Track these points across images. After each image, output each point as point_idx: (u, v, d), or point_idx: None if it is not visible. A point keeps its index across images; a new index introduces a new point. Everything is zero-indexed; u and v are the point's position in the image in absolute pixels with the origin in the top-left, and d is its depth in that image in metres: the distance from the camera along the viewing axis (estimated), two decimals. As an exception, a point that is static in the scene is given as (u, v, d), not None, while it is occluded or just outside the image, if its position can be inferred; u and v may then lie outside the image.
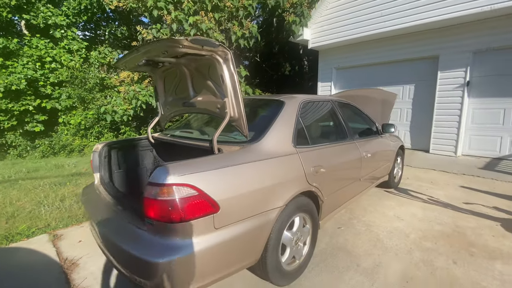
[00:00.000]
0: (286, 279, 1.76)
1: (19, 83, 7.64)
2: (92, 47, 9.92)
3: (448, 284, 1.82)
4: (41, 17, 8.10)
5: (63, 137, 9.08)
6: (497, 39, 4.59)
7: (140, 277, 1.21)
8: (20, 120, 8.38)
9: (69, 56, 8.65)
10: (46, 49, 8.25)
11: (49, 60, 8.29)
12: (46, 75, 8.37)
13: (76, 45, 8.88)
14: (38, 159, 8.33)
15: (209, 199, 1.26)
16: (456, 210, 3.04)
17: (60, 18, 8.46)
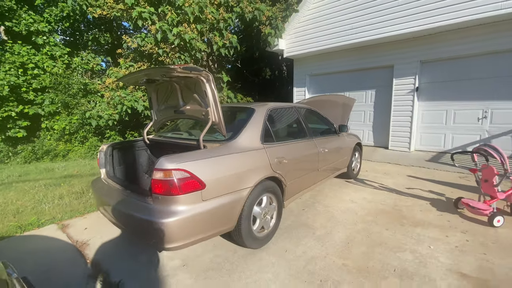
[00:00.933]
0: (257, 243, 2.33)
1: (2, 90, 7.72)
2: (74, 52, 10.06)
3: (378, 243, 2.46)
4: (23, 24, 8.20)
5: (46, 142, 9.16)
6: (437, 52, 5.47)
7: (151, 234, 1.73)
8: (2, 126, 8.40)
9: (51, 62, 8.78)
10: (28, 55, 8.35)
11: (31, 67, 8.39)
12: (29, 81, 8.46)
13: (58, 51, 9.02)
14: (21, 165, 8.38)
15: (198, 179, 1.81)
16: (399, 194, 3.76)
17: (42, 25, 8.59)
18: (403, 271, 2.04)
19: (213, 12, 6.60)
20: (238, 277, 1.99)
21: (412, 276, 1.98)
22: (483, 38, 4.93)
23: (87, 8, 8.47)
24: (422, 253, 2.28)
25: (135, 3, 7.01)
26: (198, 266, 2.13)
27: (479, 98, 5.21)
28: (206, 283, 1.93)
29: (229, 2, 6.76)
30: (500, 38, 4.79)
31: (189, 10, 6.40)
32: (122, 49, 7.81)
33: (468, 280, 1.94)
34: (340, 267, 2.10)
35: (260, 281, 1.94)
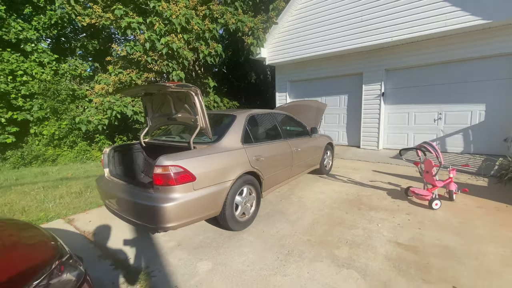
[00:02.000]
0: (239, 226, 2.84)
1: (-10, 97, 7.84)
2: (61, 59, 10.22)
3: (338, 223, 3.04)
4: (13, 32, 8.35)
5: (35, 147, 9.28)
6: (398, 62, 6.22)
7: (153, 217, 2.21)
8: (-9, 132, 8.48)
9: (40, 69, 8.96)
10: (17, 62, 8.50)
11: (20, 73, 8.54)
12: (18, 87, 8.60)
13: (46, 58, 9.20)
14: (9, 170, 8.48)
15: (190, 173, 2.31)
16: (363, 186, 4.39)
17: (31, 33, 8.76)
18: (353, 242, 2.62)
19: (198, 23, 7.08)
20: (223, 251, 2.50)
21: (359, 245, 2.56)
22: (433, 50, 5.71)
23: (76, 16, 8.72)
24: (371, 230, 2.87)
25: (124, 14, 7.37)
26: (190, 245, 2.62)
27: (435, 102, 5.97)
28: (197, 256, 2.42)
29: (214, 14, 7.26)
30: (447, 50, 5.57)
31: (176, 21, 6.86)
32: (111, 57, 8.13)
33: (401, 246, 2.53)
34: (305, 241, 2.65)
35: (241, 253, 2.46)
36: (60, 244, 1.44)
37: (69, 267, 1.28)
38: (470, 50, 5.33)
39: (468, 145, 5.70)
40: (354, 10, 6.12)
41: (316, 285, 2.00)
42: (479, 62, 5.37)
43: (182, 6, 7.17)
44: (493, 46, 5.09)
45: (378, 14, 5.79)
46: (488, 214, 3.18)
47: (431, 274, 2.10)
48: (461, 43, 5.39)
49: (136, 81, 7.66)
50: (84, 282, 1.28)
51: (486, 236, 2.67)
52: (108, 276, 2.17)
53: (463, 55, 5.43)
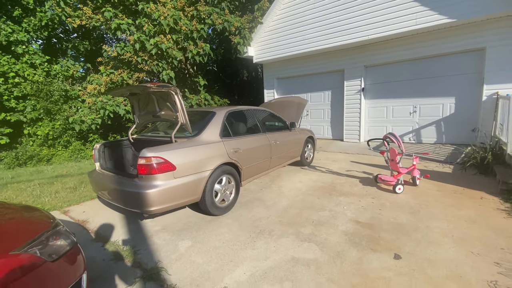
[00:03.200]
0: (219, 211, 3.16)
1: (-16, 99, 8.02)
2: (53, 60, 10.38)
3: (308, 207, 3.37)
4: (3, 34, 8.50)
5: (30, 148, 9.48)
6: (375, 58, 6.56)
7: (139, 202, 2.52)
8: (-15, 133, 8.66)
9: (32, 70, 9.12)
10: (9, 64, 8.66)
11: (12, 75, 8.71)
12: (10, 89, 8.77)
13: (38, 59, 9.37)
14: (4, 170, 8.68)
15: (171, 164, 2.61)
16: (339, 175, 4.73)
17: (21, 35, 8.91)
18: (319, 222, 2.96)
19: (186, 24, 7.33)
20: (202, 232, 2.82)
21: (323, 224, 2.90)
22: (407, 47, 6.06)
23: (66, 18, 8.89)
24: (337, 211, 3.21)
25: (114, 15, 7.58)
26: (174, 228, 2.94)
27: (410, 96, 6.34)
28: (180, 236, 2.74)
29: (201, 15, 7.51)
30: (419, 47, 5.93)
31: (165, 22, 7.10)
32: (102, 58, 8.34)
33: (360, 224, 2.88)
34: (276, 222, 2.98)
35: (218, 233, 2.78)
36: (57, 220, 1.74)
37: (63, 236, 1.59)
38: (440, 47, 5.69)
39: (441, 136, 6.08)
40: (333, 10, 6.43)
41: (279, 255, 2.33)
42: (448, 58, 5.74)
43: (170, 7, 7.40)
44: (459, 43, 5.45)
45: (355, 13, 6.11)
46: (444, 196, 3.54)
47: (379, 245, 2.44)
48: (431, 40, 5.75)
49: (128, 81, 7.90)
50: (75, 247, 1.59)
51: (436, 214, 3.03)
52: (100, 255, 2.48)
53: (434, 51, 5.78)
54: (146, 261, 2.34)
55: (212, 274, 2.12)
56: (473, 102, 5.57)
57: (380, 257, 2.27)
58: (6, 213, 1.67)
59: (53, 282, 1.30)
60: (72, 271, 1.47)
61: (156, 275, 2.13)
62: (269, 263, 2.23)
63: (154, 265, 2.26)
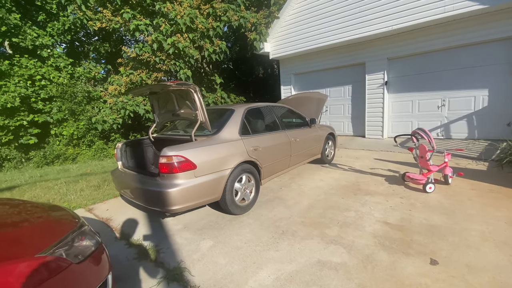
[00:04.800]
0: (239, 211, 3.10)
1: (14, 101, 8.46)
2: (76, 62, 10.79)
3: (332, 207, 3.23)
4: (29, 39, 8.92)
5: (56, 147, 9.93)
6: (400, 50, 6.21)
7: (161, 200, 2.50)
8: (16, 134, 9.16)
9: (57, 73, 9.52)
10: (35, 68, 9.08)
11: (38, 78, 9.13)
12: (37, 91, 9.20)
13: (62, 62, 9.75)
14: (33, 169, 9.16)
15: (191, 162, 2.58)
16: (362, 173, 4.53)
17: (46, 39, 9.30)
18: (344, 223, 2.82)
19: (203, 22, 7.32)
20: (224, 232, 2.77)
21: (350, 225, 2.76)
22: (434, 37, 5.68)
23: (87, 21, 9.18)
24: (363, 212, 3.05)
25: (132, 17, 7.72)
26: (195, 227, 2.91)
27: (438, 89, 5.96)
28: (201, 236, 2.71)
29: (217, 12, 7.47)
30: (448, 36, 5.53)
31: (181, 21, 7.12)
32: (122, 59, 8.53)
33: (389, 226, 2.71)
34: (299, 223, 2.87)
35: (239, 233, 2.72)
36: (82, 220, 1.74)
37: (88, 236, 1.57)
38: (471, 35, 5.29)
39: (473, 131, 5.68)
40: (354, 1, 6.16)
41: (304, 258, 2.23)
42: (481, 47, 5.32)
43: (186, 6, 7.42)
44: (492, 31, 5.04)
45: (378, 3, 5.82)
46: (480, 196, 3.28)
47: (411, 248, 2.27)
48: (462, 28, 5.35)
49: (146, 81, 8.04)
50: (100, 248, 1.57)
51: (473, 216, 2.80)
52: (123, 253, 2.49)
53: (464, 40, 5.38)
54: (168, 261, 2.32)
55: (235, 276, 2.05)
56: (509, 94, 5.14)
57: (414, 262, 2.10)
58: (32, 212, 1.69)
59: (79, 284, 1.28)
60: (97, 272, 1.45)
61: (179, 275, 2.10)
62: (294, 266, 2.13)
63: (176, 265, 2.24)
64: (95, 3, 8.96)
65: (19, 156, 9.83)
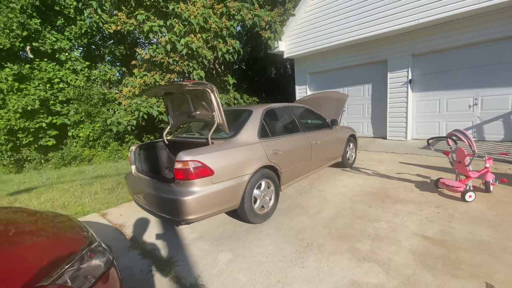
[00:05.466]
0: (258, 219, 2.88)
1: (34, 104, 8.65)
2: (92, 65, 10.95)
3: (360, 216, 2.95)
4: (48, 43, 9.11)
5: (73, 149, 10.10)
6: (427, 45, 5.80)
7: (176, 209, 2.32)
8: (35, 136, 9.38)
9: (74, 76, 9.67)
10: (54, 71, 9.27)
11: (57, 81, 9.30)
12: (55, 94, 9.38)
13: (79, 66, 9.91)
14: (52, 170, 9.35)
15: (208, 167, 2.38)
16: (388, 178, 4.20)
17: (64, 43, 9.48)
18: (376, 236, 2.54)
19: (216, 22, 7.17)
20: (242, 243, 2.55)
21: (383, 239, 2.48)
22: (465, 30, 5.25)
23: (103, 24, 9.27)
24: (396, 223, 2.75)
25: (146, 18, 7.69)
26: (212, 237, 2.72)
27: (470, 86, 5.51)
28: (218, 247, 2.50)
29: (231, 11, 7.31)
30: (481, 30, 5.09)
31: (195, 21, 7.01)
32: (136, 61, 8.54)
33: (428, 240, 2.41)
34: (325, 235, 2.62)
35: (260, 245, 2.50)
36: (91, 234, 1.57)
37: (98, 254, 1.39)
38: (507, 28, 4.83)
39: (509, 132, 5.20)
40: (376, -6, 5.82)
41: (335, 277, 1.98)
42: (520, 40, 4.86)
43: (200, 6, 7.30)
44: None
45: (402, -4, 5.45)
46: (531, 206, 2.90)
47: (460, 269, 1.97)
48: (498, 20, 4.90)
49: (160, 82, 7.99)
50: (112, 267, 1.39)
51: (527, 230, 2.45)
52: (137, 265, 2.33)
53: (500, 33, 4.93)
54: (185, 275, 2.13)
55: (259, 298, 1.83)
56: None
57: (466, 286, 1.81)
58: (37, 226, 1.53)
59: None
60: (107, 297, 1.27)
61: (196, 294, 1.90)
62: (324, 287, 1.88)
63: (194, 281, 2.04)
64: (110, 6, 9.04)
65: (39, 157, 10.08)
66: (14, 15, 8.40)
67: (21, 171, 10.05)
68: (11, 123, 8.58)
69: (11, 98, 8.48)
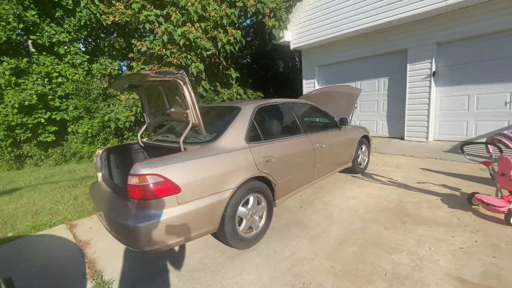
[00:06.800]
0: (244, 244, 2.31)
1: (31, 99, 8.37)
2: (93, 59, 10.60)
3: (373, 243, 2.33)
4: (46, 36, 8.78)
5: (73, 145, 9.83)
6: (456, 31, 4.98)
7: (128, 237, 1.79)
8: (34, 132, 9.14)
9: (73, 70, 9.33)
10: (52, 65, 8.95)
11: (55, 75, 8.99)
12: (54, 89, 9.08)
13: (79, 59, 9.56)
14: (52, 167, 9.12)
15: (173, 184, 1.82)
16: (407, 188, 3.53)
17: (63, 36, 9.13)
18: (395, 275, 1.92)
19: (216, 9, 6.57)
20: (220, 278, 1.99)
21: (404, 281, 1.85)
22: (502, 13, 4.42)
23: (100, 16, 8.85)
24: (420, 255, 2.12)
25: (141, 8, 7.17)
26: (185, 267, 2.17)
27: (507, 80, 4.68)
28: (188, 283, 1.96)
29: (232, -3, 6.68)
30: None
31: (192, 9, 6.44)
32: (133, 53, 8.07)
33: (468, 286, 1.77)
34: (327, 270, 2.02)
35: (241, 282, 1.93)
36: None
37: None
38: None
39: (556, 134, 4.36)
40: (395, -27, 5.03)
41: None
42: None
43: (198, -8, 6.70)
44: None
45: (427, -27, 4.66)
46: None
47: None
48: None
49: (158, 76, 7.50)
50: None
51: None
52: (81, 307, 1.82)
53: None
54: (134, 329, 1.59)
55: None
56: None
57: None
58: None
59: None
60: None
61: None
62: None
63: None
64: (108, -4, 8.59)
65: (39, 154, 9.87)
66: (10, 7, 8.09)
67: (22, 167, 9.90)
68: (8, 118, 8.34)
69: (8, 93, 8.22)
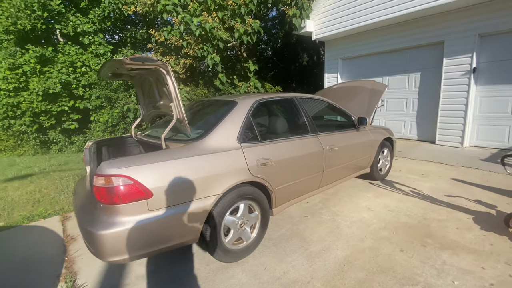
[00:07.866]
0: (231, 257, 2.03)
1: (55, 87, 8.69)
2: (117, 50, 10.79)
3: (384, 269, 1.95)
4: (71, 26, 9.03)
5: (95, 134, 10.16)
6: (504, 21, 4.23)
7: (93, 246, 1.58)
8: (58, 119, 9.54)
9: (96, 60, 9.55)
10: (76, 55, 9.21)
11: (79, 65, 9.25)
12: (78, 78, 9.36)
13: (102, 50, 9.75)
14: (75, 153, 9.52)
15: (143, 187, 1.58)
16: (433, 202, 3.04)
17: (87, 26, 9.34)
18: (407, 316, 1.54)
19: (234, -3, 6.25)
20: (196, 298, 1.74)
21: (418, 325, 1.47)
22: None
23: (122, 6, 8.92)
24: (442, 292, 1.71)
25: (160, -4, 7.05)
26: (161, 278, 1.95)
27: None
28: (159, 301, 1.73)
29: (250, -16, 6.31)
30: None
31: (209, -3, 6.17)
32: (151, 44, 8.04)
33: None
34: (322, 299, 1.68)
35: (218, 307, 1.66)
36: None
37: None
38: None
39: None
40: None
41: None
42: None
43: (216, -20, 6.42)
44: None
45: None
46: None
47: None
48: None
49: (175, 68, 7.41)
50: None
51: None
52: (42, 315, 1.66)
53: None
54: None
55: None
56: None
57: None
58: None
59: None
60: None
61: None
62: None
63: None
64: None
65: (63, 140, 10.34)
66: (35, -5, 8.37)
67: (48, 152, 10.44)
68: (33, 105, 8.74)
69: (33, 81, 8.60)
